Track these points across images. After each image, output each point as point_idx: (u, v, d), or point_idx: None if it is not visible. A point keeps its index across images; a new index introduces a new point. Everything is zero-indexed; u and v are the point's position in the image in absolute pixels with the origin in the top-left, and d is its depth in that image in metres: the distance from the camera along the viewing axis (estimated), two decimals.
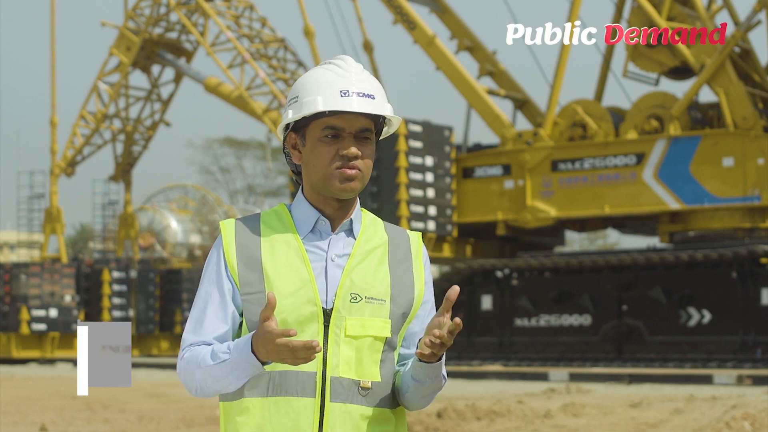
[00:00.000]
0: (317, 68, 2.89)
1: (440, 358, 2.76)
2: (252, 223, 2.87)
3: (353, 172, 2.79)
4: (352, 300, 2.78)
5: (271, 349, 2.63)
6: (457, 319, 2.69)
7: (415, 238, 2.93)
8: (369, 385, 2.78)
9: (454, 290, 2.69)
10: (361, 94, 2.80)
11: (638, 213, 23.76)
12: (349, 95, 2.79)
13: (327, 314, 2.77)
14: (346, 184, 2.80)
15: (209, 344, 2.79)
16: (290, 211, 2.88)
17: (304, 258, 2.80)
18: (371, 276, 2.82)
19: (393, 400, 2.85)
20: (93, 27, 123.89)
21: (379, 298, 2.80)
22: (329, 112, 2.80)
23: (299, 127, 2.86)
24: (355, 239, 2.85)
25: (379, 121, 2.88)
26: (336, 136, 2.81)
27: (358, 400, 2.76)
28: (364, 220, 2.90)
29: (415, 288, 2.87)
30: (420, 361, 2.76)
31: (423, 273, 2.90)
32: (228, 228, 2.86)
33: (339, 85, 2.81)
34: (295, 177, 2.95)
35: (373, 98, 2.82)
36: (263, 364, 2.69)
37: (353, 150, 2.79)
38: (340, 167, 2.79)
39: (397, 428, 2.85)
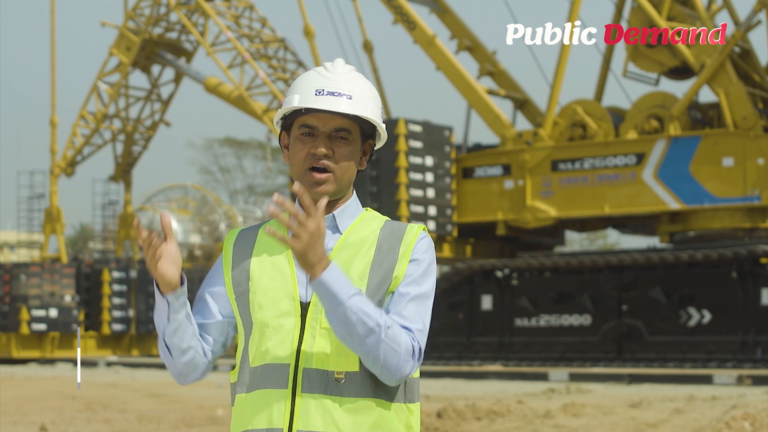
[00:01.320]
0: (309, 71, 2.94)
1: (323, 279, 2.66)
2: (253, 230, 2.97)
3: (323, 176, 2.83)
4: None
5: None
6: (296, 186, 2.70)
7: (414, 228, 2.90)
8: (342, 375, 2.78)
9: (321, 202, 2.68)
10: (336, 94, 2.83)
11: (638, 213, 23.76)
12: (323, 94, 2.83)
13: (305, 308, 2.82)
14: (315, 188, 2.84)
15: None
16: None
17: (288, 255, 2.87)
18: (350, 268, 2.83)
19: (380, 390, 2.81)
20: (93, 27, 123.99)
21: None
22: (305, 110, 2.85)
23: (287, 126, 2.94)
24: (341, 234, 2.88)
25: (366, 124, 2.89)
26: (311, 135, 2.85)
27: (334, 390, 2.78)
28: (364, 216, 2.92)
29: (394, 273, 2.83)
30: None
31: (408, 260, 2.84)
32: (231, 237, 2.98)
33: (317, 84, 2.85)
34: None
35: (350, 98, 2.83)
36: (162, 294, 2.82)
37: (321, 149, 2.82)
38: (310, 168, 2.84)
39: (383, 419, 2.81)
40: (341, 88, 2.83)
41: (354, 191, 2.95)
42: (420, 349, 2.79)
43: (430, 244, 2.91)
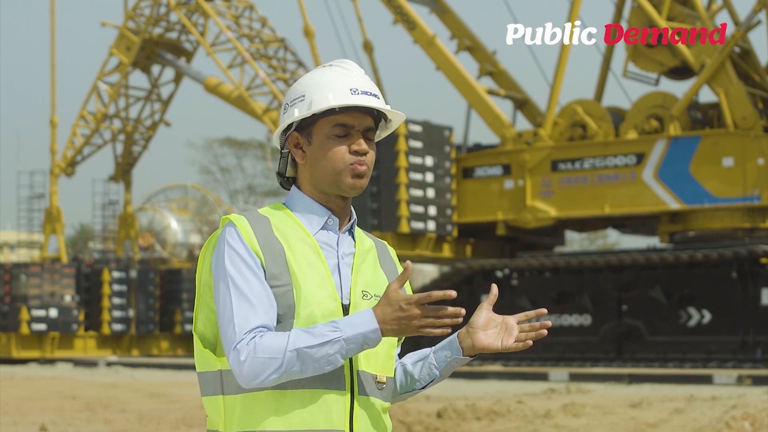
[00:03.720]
0: (321, 69, 2.92)
1: None
2: (262, 218, 2.84)
3: (363, 168, 2.85)
4: (364, 297, 2.83)
5: (414, 314, 2.71)
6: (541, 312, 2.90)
7: (390, 247, 3.06)
8: (384, 379, 2.85)
9: (494, 289, 2.98)
10: (368, 93, 2.86)
11: (638, 213, 23.76)
12: (358, 93, 2.85)
13: (345, 310, 2.80)
14: (356, 180, 2.84)
15: (270, 329, 2.73)
16: (291, 210, 2.89)
17: (320, 254, 2.82)
18: (372, 275, 2.89)
19: (392, 395, 2.94)
20: (93, 27, 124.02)
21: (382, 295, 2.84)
22: (339, 109, 2.84)
23: (304, 126, 2.88)
24: (354, 240, 2.91)
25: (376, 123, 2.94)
26: (347, 134, 2.85)
27: (377, 393, 2.83)
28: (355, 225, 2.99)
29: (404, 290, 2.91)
30: (461, 356, 2.92)
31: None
32: (242, 221, 2.80)
33: (348, 84, 2.86)
34: (281, 178, 2.94)
35: (378, 98, 2.89)
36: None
37: (364, 146, 2.85)
38: (353, 163, 2.84)
39: (391, 422, 2.95)
40: (369, 87, 2.88)
41: None
42: None
43: None
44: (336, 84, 2.85)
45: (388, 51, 79.15)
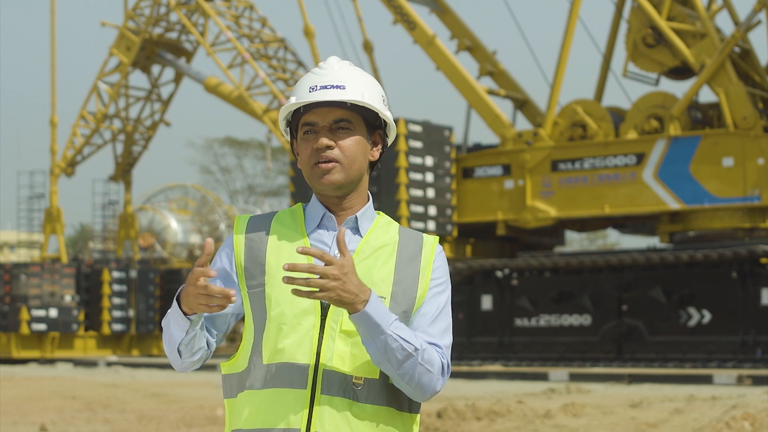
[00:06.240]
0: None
1: (364, 312, 2.67)
2: (265, 220, 2.93)
3: (329, 165, 2.83)
4: None
5: (191, 292, 2.70)
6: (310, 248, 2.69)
7: (430, 240, 2.93)
8: (361, 381, 2.77)
9: (341, 232, 2.70)
10: (329, 87, 2.85)
11: (638, 213, 23.75)
12: (316, 89, 2.85)
13: (324, 308, 2.79)
14: (324, 179, 2.84)
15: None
16: (304, 210, 2.94)
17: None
18: (373, 273, 2.82)
19: (397, 399, 2.83)
20: (93, 27, 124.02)
21: (378, 294, 2.79)
22: (303, 109, 2.86)
23: (294, 132, 2.95)
24: (362, 237, 2.87)
25: (368, 113, 2.90)
26: (313, 131, 2.87)
27: (351, 394, 2.76)
28: (379, 221, 2.92)
29: (418, 287, 2.85)
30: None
31: (430, 274, 2.88)
32: (241, 223, 2.93)
33: (311, 82, 2.87)
34: None
35: (343, 88, 2.85)
36: (187, 315, 2.76)
37: (322, 141, 2.83)
38: (316, 163, 2.84)
39: (392, 427, 2.82)
40: (334, 80, 2.85)
41: (370, 195, 2.95)
42: (448, 365, 2.84)
43: (445, 257, 2.95)
44: (301, 86, 2.88)
45: (388, 51, 79.21)
